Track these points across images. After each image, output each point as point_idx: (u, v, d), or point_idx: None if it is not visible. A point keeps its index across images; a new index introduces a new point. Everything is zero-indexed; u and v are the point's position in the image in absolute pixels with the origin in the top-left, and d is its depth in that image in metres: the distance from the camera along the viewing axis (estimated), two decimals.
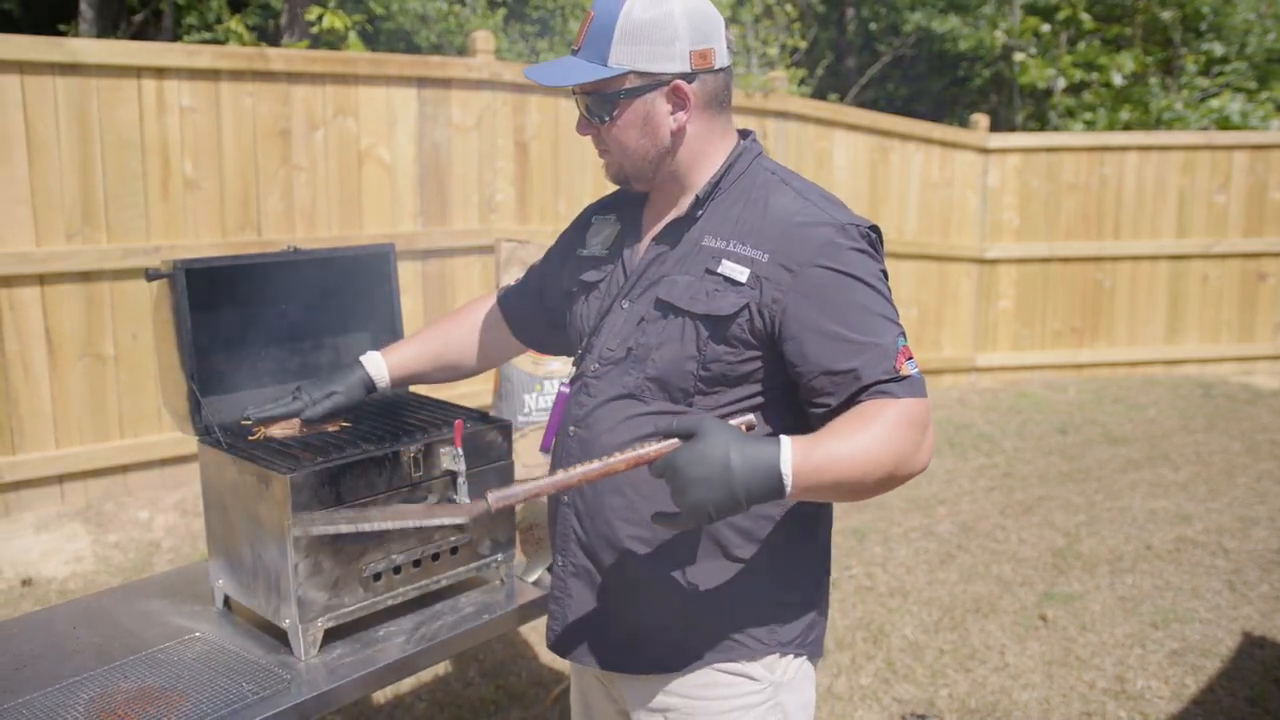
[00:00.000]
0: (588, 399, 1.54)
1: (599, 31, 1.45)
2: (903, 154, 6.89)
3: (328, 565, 1.64)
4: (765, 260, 1.43)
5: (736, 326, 1.43)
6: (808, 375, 1.41)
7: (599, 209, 1.73)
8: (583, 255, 1.67)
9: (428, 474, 1.75)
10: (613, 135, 1.50)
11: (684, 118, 1.49)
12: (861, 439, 1.34)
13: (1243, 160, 7.35)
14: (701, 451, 1.27)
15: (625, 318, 1.53)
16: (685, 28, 1.45)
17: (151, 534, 4.15)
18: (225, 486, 1.72)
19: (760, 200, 1.49)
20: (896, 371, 1.40)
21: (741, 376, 1.46)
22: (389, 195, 4.95)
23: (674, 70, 1.46)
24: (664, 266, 1.51)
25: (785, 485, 1.29)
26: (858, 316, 1.41)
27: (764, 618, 1.51)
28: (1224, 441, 5.77)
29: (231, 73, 4.49)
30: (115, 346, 4.32)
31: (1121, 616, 3.59)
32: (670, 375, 1.47)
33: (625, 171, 1.54)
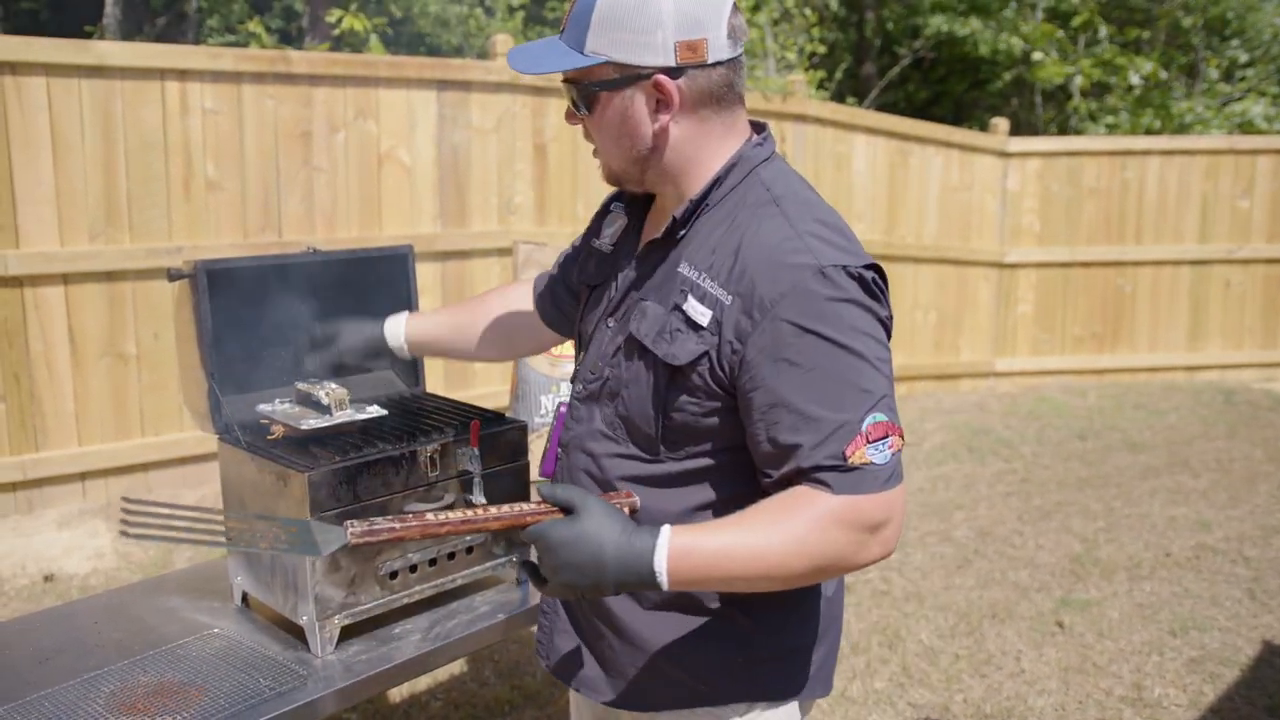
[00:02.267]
0: (572, 424, 1.45)
1: (580, 12, 1.29)
2: (922, 158, 6.87)
3: (345, 563, 1.65)
4: (728, 303, 1.25)
5: (696, 375, 1.28)
6: (753, 439, 1.26)
7: (620, 195, 1.56)
8: (594, 247, 1.55)
9: (444, 474, 1.76)
10: (592, 129, 1.36)
11: (666, 119, 1.30)
12: (771, 535, 1.19)
13: (1267, 165, 7.29)
14: (576, 534, 1.18)
15: (608, 339, 1.41)
16: (671, 13, 1.25)
17: None
18: (244, 484, 1.74)
19: (744, 225, 1.30)
20: (844, 459, 1.19)
21: (708, 430, 1.31)
22: (409, 197, 4.98)
23: (655, 63, 1.27)
24: (644, 289, 1.38)
25: (660, 581, 1.19)
26: (818, 385, 1.21)
27: (732, 672, 1.38)
28: (1245, 448, 5.72)
29: (254, 75, 4.53)
30: (137, 345, 4.36)
31: (1139, 623, 3.57)
32: (637, 418, 1.34)
33: (613, 171, 1.39)
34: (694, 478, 1.34)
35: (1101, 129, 10.43)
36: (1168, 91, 10.30)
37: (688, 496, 1.34)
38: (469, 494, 1.79)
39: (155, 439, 4.45)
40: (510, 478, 1.86)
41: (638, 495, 1.35)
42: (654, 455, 1.34)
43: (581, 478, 1.42)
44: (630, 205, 1.51)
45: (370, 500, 1.66)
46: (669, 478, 1.34)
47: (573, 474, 1.44)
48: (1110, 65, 10.34)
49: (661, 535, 1.19)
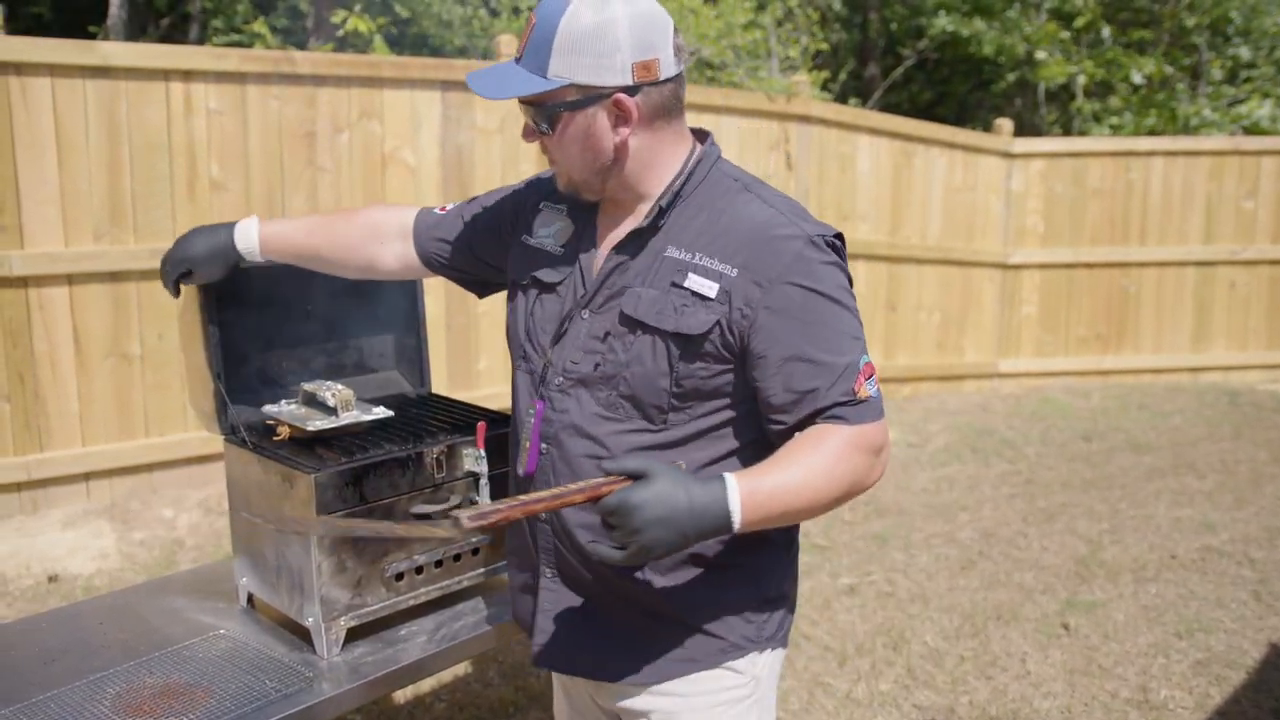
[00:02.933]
0: (556, 415, 1.51)
1: (539, 40, 1.39)
2: (926, 159, 6.86)
3: (351, 564, 1.65)
4: (734, 275, 1.41)
5: (708, 343, 1.42)
6: (768, 391, 1.42)
7: (549, 194, 1.64)
8: (531, 245, 1.60)
9: (450, 475, 1.76)
10: (553, 147, 1.46)
11: (626, 132, 1.43)
12: (809, 468, 1.36)
13: (1271, 166, 7.27)
14: (656, 492, 1.27)
15: (588, 329, 1.49)
16: (627, 37, 1.39)
17: (176, 532, 4.19)
18: (250, 485, 1.74)
19: (725, 209, 1.46)
20: (854, 394, 1.40)
21: (714, 390, 1.45)
22: (412, 197, 4.98)
23: (615, 84, 1.40)
24: (625, 277, 1.48)
25: (733, 523, 1.31)
26: (824, 335, 1.41)
27: (745, 615, 1.53)
28: (1250, 450, 5.71)
29: (258, 75, 4.53)
30: (141, 346, 4.36)
31: (1145, 626, 3.56)
32: (644, 393, 1.45)
33: (574, 182, 1.50)
34: (698, 437, 1.47)
35: (1105, 130, 10.42)
36: (1172, 92, 10.28)
37: (694, 454, 1.46)
38: (474, 495, 1.78)
39: (159, 439, 4.45)
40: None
41: (644, 454, 1.44)
42: (661, 424, 1.45)
43: (581, 462, 1.48)
44: (574, 209, 1.58)
45: (376, 501, 1.66)
46: (676, 441, 1.46)
47: (567, 461, 1.49)
48: (1113, 65, 10.33)
49: (729, 480, 1.32)
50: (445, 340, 5.15)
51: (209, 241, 1.77)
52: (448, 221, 1.74)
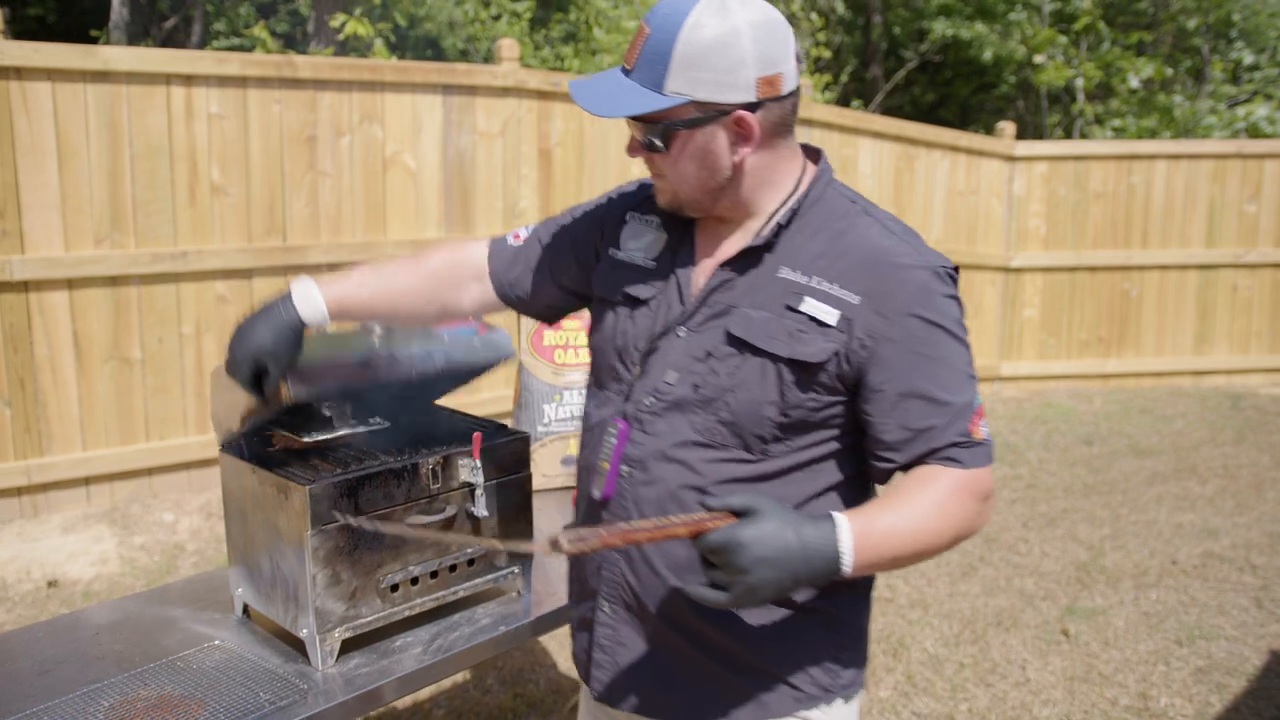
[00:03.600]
0: (646, 438, 1.41)
1: (655, 53, 1.30)
2: (928, 162, 6.86)
3: (346, 576, 1.64)
4: (856, 302, 1.33)
5: (824, 373, 1.34)
6: (881, 427, 1.35)
7: (635, 204, 1.55)
8: (620, 259, 1.51)
9: (446, 486, 1.76)
10: (664, 165, 1.37)
11: (746, 151, 1.35)
12: (922, 511, 1.30)
13: (1274, 169, 7.26)
14: (765, 530, 1.20)
15: (685, 348, 1.40)
16: (752, 51, 1.29)
17: (176, 536, 4.19)
18: (245, 496, 1.74)
19: (844, 233, 1.38)
20: (970, 435, 1.34)
21: (820, 422, 1.37)
22: (414, 202, 4.98)
23: (737, 101, 1.31)
24: (731, 295, 1.39)
25: (844, 566, 1.24)
26: (944, 372, 1.34)
27: (822, 663, 1.44)
28: (1253, 454, 5.69)
29: (259, 80, 4.53)
30: (142, 350, 4.37)
31: (1145, 632, 3.55)
32: (746, 420, 1.35)
33: (680, 200, 1.41)
34: (797, 470, 1.39)
35: (1107, 132, 10.41)
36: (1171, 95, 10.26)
37: (791, 491, 1.38)
38: (471, 506, 1.78)
39: (160, 443, 4.45)
40: (513, 489, 1.85)
41: (741, 487, 1.37)
42: (760, 454, 1.38)
43: (668, 489, 1.39)
44: (668, 221, 1.50)
45: (371, 513, 1.66)
46: (774, 473, 1.38)
47: (653, 487, 1.40)
48: (1112, 67, 10.32)
49: (840, 520, 1.25)
50: None
51: (271, 326, 1.54)
52: (525, 251, 1.64)
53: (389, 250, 4.89)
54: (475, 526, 1.80)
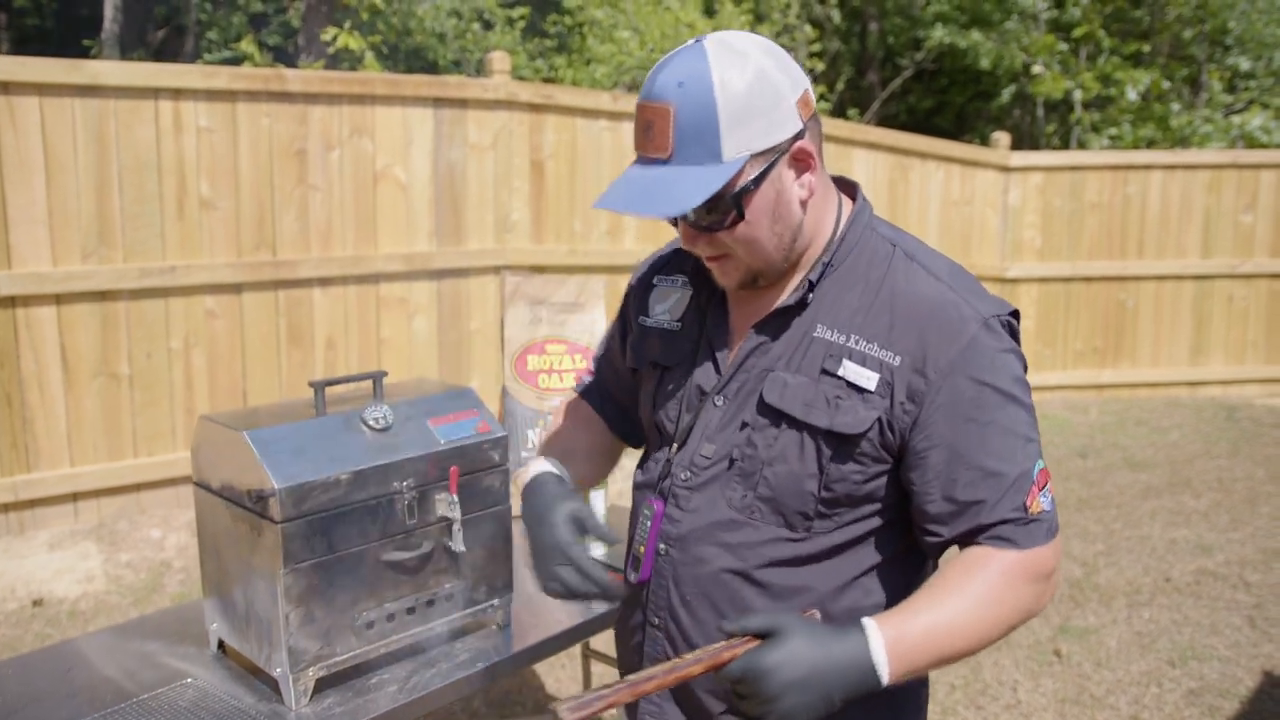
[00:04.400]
0: (682, 514, 1.32)
1: (695, 126, 1.17)
2: (923, 173, 6.84)
3: (320, 614, 1.62)
4: (897, 364, 1.22)
5: (866, 442, 1.23)
6: (925, 498, 1.23)
7: (661, 268, 1.47)
8: (648, 325, 1.43)
9: (423, 520, 1.73)
10: (741, 235, 1.23)
11: (813, 180, 1.25)
12: (966, 606, 1.17)
13: (1270, 179, 7.25)
14: (789, 652, 1.10)
15: (721, 418, 1.31)
16: (783, 81, 1.20)
17: (163, 553, 4.16)
18: (219, 531, 1.71)
19: (885, 283, 1.27)
20: (1026, 510, 1.21)
21: (867, 495, 1.27)
22: (404, 215, 4.96)
23: (791, 134, 1.21)
24: (766, 359, 1.29)
25: (880, 676, 1.13)
26: (997, 440, 1.21)
27: None
28: (1248, 467, 5.67)
29: (248, 93, 4.51)
30: (130, 365, 4.34)
31: (1138, 653, 3.52)
32: (786, 497, 1.26)
33: (755, 270, 1.28)
34: (845, 549, 1.29)
35: (1103, 141, 10.40)
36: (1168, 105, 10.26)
37: (839, 570, 1.29)
38: (449, 541, 1.76)
39: (148, 459, 4.42)
40: (491, 523, 1.83)
41: (785, 576, 1.29)
42: (804, 532, 1.27)
43: (709, 571, 1.31)
44: (695, 276, 1.42)
45: (346, 550, 1.63)
46: (819, 554, 1.28)
47: (692, 568, 1.32)
48: (1110, 79, 10.32)
49: (870, 628, 1.14)
50: (437, 357, 5.13)
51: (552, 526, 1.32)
52: (601, 384, 1.59)
53: (379, 264, 4.87)
54: (453, 562, 1.78)
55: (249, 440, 1.59)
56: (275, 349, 4.68)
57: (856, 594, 1.29)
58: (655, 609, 1.36)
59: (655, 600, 1.36)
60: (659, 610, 1.35)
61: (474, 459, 1.80)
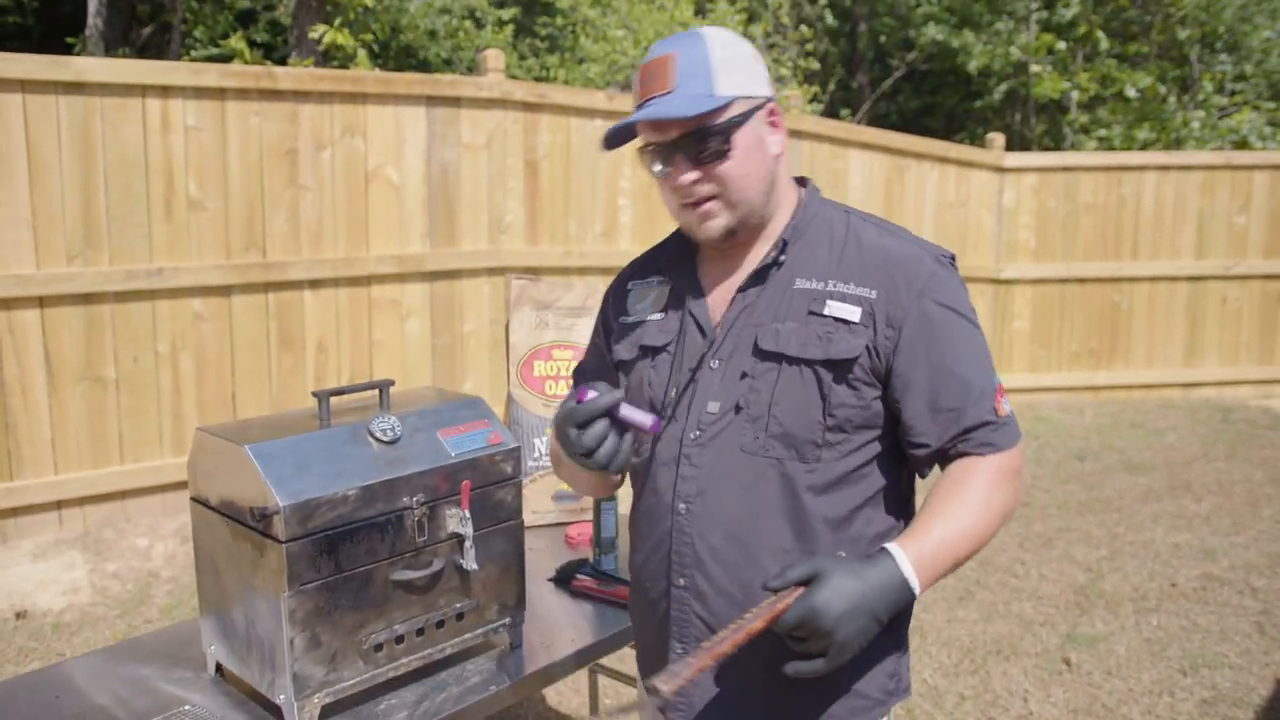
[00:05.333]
0: (696, 470, 1.43)
1: (693, 67, 1.38)
2: (918, 173, 6.79)
3: (326, 638, 1.54)
4: (874, 297, 1.39)
5: (858, 368, 1.38)
6: (911, 412, 1.39)
7: (635, 274, 1.62)
8: (630, 322, 1.56)
9: (433, 538, 1.65)
10: (730, 169, 1.40)
11: (782, 140, 1.45)
12: (966, 513, 1.34)
13: (1264, 180, 7.24)
14: (833, 588, 1.23)
15: (721, 377, 1.44)
16: (756, 57, 1.45)
17: (151, 563, 4.06)
18: (218, 548, 1.63)
19: (846, 239, 1.45)
20: (996, 413, 1.39)
21: (865, 421, 1.40)
22: (397, 216, 4.87)
23: (766, 94, 1.43)
24: (754, 317, 1.44)
25: (914, 590, 1.28)
26: (962, 352, 1.39)
27: (882, 666, 1.46)
28: (1246, 470, 5.65)
29: (238, 91, 4.41)
30: (116, 369, 4.23)
31: (1148, 661, 3.47)
32: (796, 428, 1.39)
33: (739, 213, 1.43)
34: (849, 479, 1.41)
35: (1094, 142, 10.38)
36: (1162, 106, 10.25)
37: (850, 496, 1.41)
38: (460, 558, 1.68)
39: (135, 465, 4.32)
40: (503, 539, 1.75)
41: (800, 506, 1.39)
42: (814, 461, 1.39)
43: (731, 515, 1.41)
44: (670, 270, 1.56)
45: (353, 570, 1.55)
46: (828, 483, 1.40)
47: (713, 519, 1.41)
48: (1108, 79, 10.30)
49: (894, 551, 1.29)
50: (430, 360, 5.04)
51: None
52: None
53: (371, 266, 4.78)
54: (464, 580, 1.70)
55: (251, 455, 1.51)
56: (265, 352, 4.58)
57: (859, 524, 1.41)
58: (680, 569, 1.44)
59: (679, 560, 1.44)
60: (685, 569, 1.43)
61: (486, 472, 1.72)
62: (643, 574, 1.51)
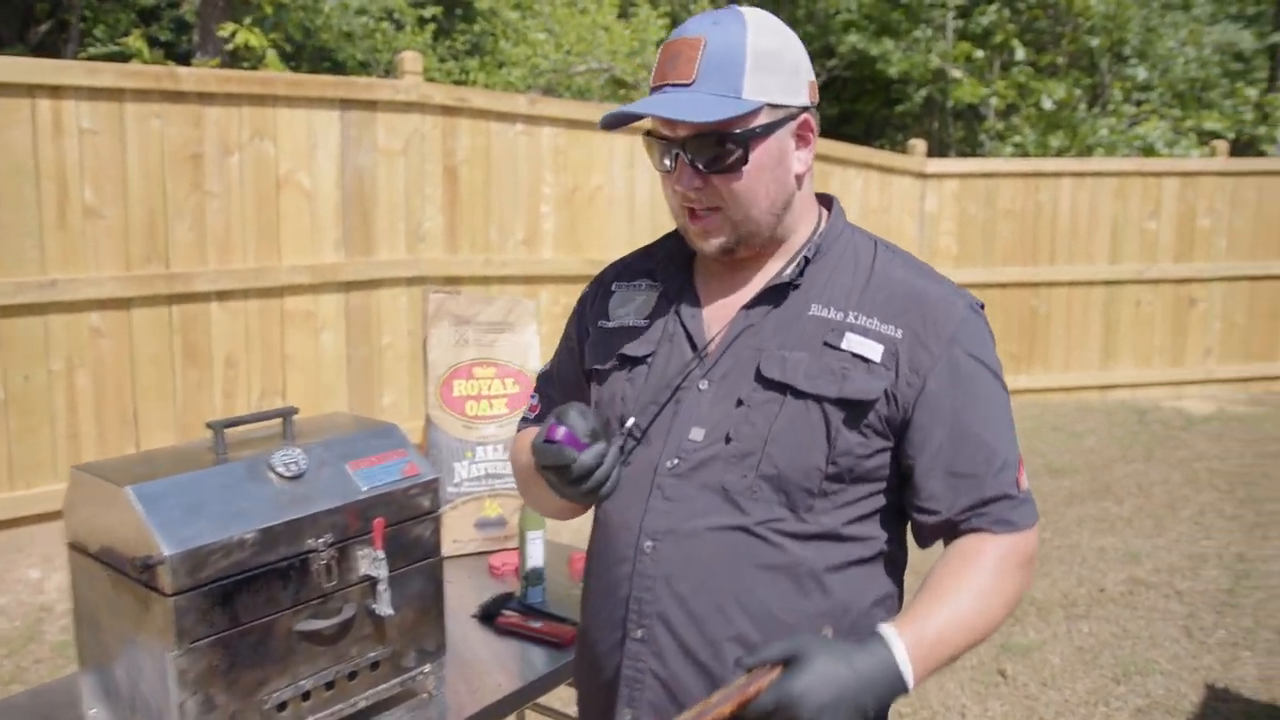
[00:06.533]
0: (670, 505, 1.25)
1: (722, 59, 1.20)
2: (842, 179, 6.79)
3: (222, 699, 1.38)
4: (900, 337, 1.24)
5: (873, 413, 1.23)
6: (924, 473, 1.23)
7: (621, 275, 1.44)
8: (609, 327, 1.38)
9: (343, 582, 1.51)
10: (739, 185, 1.23)
11: (808, 158, 1.29)
12: (972, 601, 1.18)
13: (1173, 187, 7.42)
14: (817, 674, 1.07)
15: (710, 400, 1.26)
16: (801, 54, 1.27)
17: (43, 595, 3.79)
18: (99, 602, 1.46)
19: (874, 269, 1.29)
20: (1017, 487, 1.24)
21: (866, 473, 1.24)
22: (310, 224, 4.66)
23: (802, 103, 1.26)
24: (758, 339, 1.27)
25: (907, 683, 1.12)
26: (991, 414, 1.25)
27: None
28: (1164, 471, 5.74)
29: (137, 92, 4.17)
30: (5, 389, 3.96)
31: (1082, 670, 3.46)
32: (792, 472, 1.22)
33: (741, 233, 1.27)
34: (847, 531, 1.25)
35: (1010, 149, 10.57)
36: (1075, 113, 10.49)
37: (841, 554, 1.25)
38: (373, 603, 1.53)
39: (26, 492, 4.04)
40: (420, 579, 1.61)
41: (785, 555, 1.23)
42: (805, 511, 1.23)
43: (704, 566, 1.23)
44: (662, 275, 1.40)
45: (252, 622, 1.40)
46: (820, 534, 1.24)
47: (684, 565, 1.23)
48: (1025, 88, 10.50)
49: (889, 635, 1.13)
50: (346, 375, 4.84)
51: None
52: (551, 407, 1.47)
53: (283, 276, 4.56)
54: (378, 627, 1.56)
55: (132, 497, 1.34)
56: (169, 369, 4.34)
57: (850, 587, 1.25)
58: (639, 618, 1.26)
59: (638, 607, 1.26)
60: (644, 619, 1.25)
61: (401, 507, 1.58)
62: (593, 622, 1.33)
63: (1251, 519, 4.91)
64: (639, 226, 5.70)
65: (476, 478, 2.22)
